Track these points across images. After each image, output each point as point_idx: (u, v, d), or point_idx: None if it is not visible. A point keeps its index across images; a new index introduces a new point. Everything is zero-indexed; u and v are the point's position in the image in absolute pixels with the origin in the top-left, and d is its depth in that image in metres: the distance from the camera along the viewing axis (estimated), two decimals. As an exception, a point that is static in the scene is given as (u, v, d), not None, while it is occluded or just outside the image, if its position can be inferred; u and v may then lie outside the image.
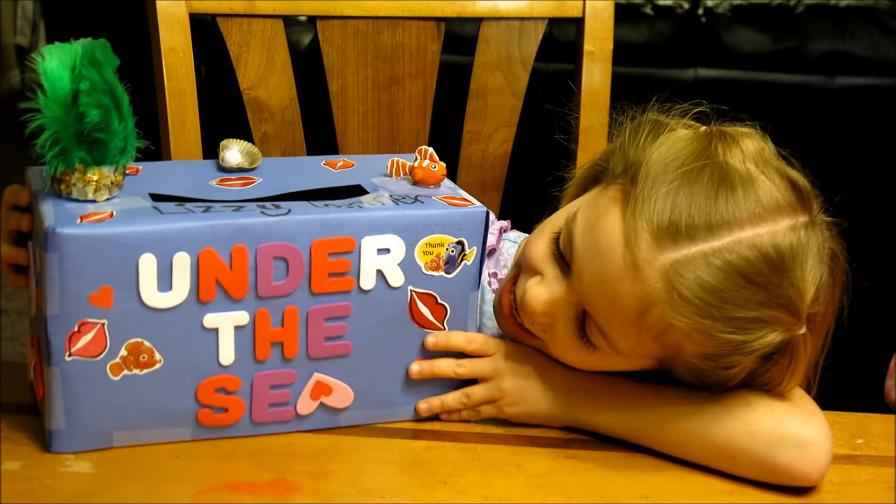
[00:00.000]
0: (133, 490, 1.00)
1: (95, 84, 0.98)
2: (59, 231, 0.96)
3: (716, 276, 0.99)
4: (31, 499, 0.97)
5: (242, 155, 1.12)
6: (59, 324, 0.99)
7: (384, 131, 1.49)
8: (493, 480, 1.05)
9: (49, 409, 1.01)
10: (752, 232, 1.00)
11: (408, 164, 1.13)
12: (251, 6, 1.43)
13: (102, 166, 1.01)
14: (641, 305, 1.01)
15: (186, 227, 0.99)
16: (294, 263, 1.03)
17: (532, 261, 1.11)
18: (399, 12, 1.48)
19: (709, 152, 1.05)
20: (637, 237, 1.01)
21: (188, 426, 1.06)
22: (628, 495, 1.03)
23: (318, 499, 1.00)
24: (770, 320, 1.01)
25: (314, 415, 1.09)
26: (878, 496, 1.05)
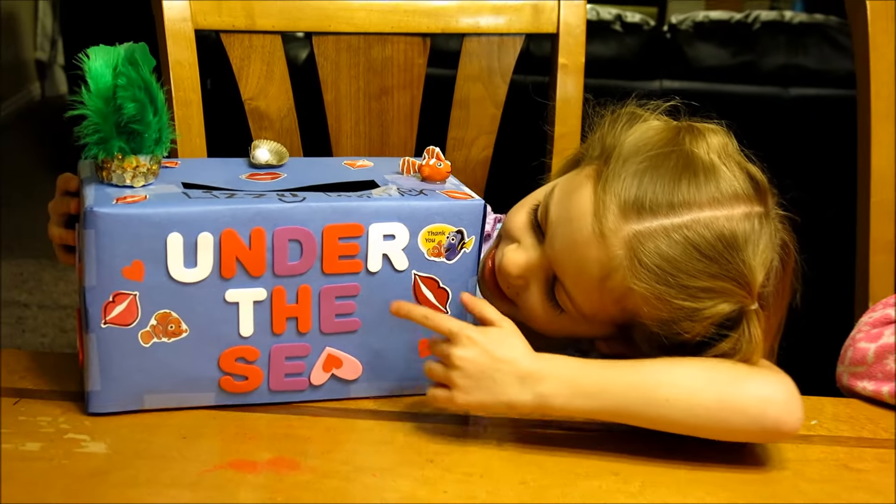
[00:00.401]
0: (143, 469, 1.00)
1: (132, 80, 1.01)
2: (96, 210, 0.99)
3: (673, 248, 1.02)
4: (52, 478, 0.97)
5: (271, 153, 1.15)
6: (95, 294, 1.01)
7: (375, 138, 1.49)
8: (475, 458, 1.05)
9: (87, 372, 1.04)
10: (710, 214, 1.03)
11: (418, 162, 1.15)
12: (252, 23, 1.43)
13: (139, 155, 1.04)
14: (605, 270, 1.04)
15: (210, 210, 1.02)
16: (307, 245, 1.05)
17: (511, 229, 1.14)
18: (388, 28, 1.48)
19: (677, 141, 1.08)
20: (605, 209, 1.04)
21: (212, 391, 1.08)
22: (601, 471, 1.03)
23: (314, 476, 1.00)
24: (721, 291, 1.03)
25: (326, 385, 1.11)
26: (830, 472, 1.05)
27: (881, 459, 1.08)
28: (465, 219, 1.09)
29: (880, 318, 1.20)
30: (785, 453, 1.08)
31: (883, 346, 1.17)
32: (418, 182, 1.14)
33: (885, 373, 1.17)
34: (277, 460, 1.02)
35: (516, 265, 1.12)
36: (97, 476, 0.98)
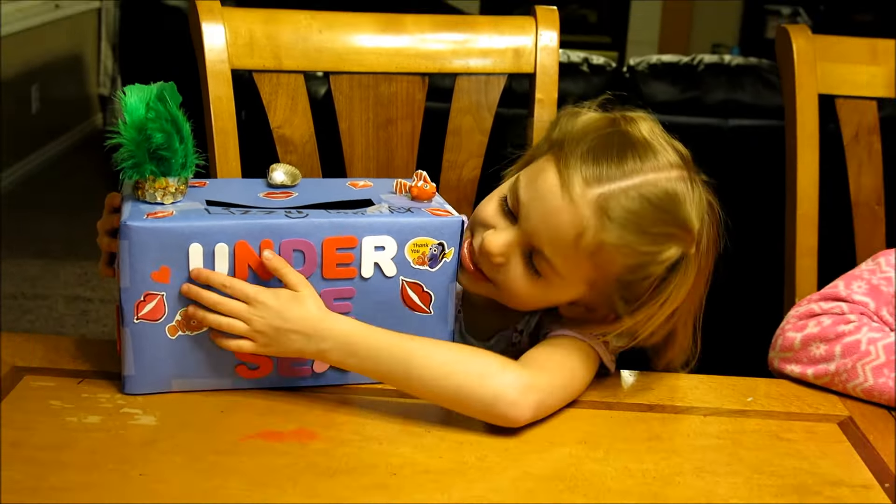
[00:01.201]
0: (188, 437, 1.00)
1: (160, 114, 1.02)
2: (129, 223, 1.00)
3: (633, 202, 1.04)
4: (108, 444, 0.97)
5: (286, 174, 1.14)
6: (129, 294, 1.02)
7: (382, 161, 1.49)
8: (465, 428, 1.04)
9: (123, 359, 1.04)
10: (654, 176, 1.06)
11: (408, 184, 1.15)
12: (279, 64, 1.43)
13: (168, 177, 1.04)
14: (578, 230, 1.05)
15: (226, 224, 1.02)
16: (309, 255, 1.04)
17: (485, 218, 1.14)
18: (393, 69, 1.47)
19: (616, 125, 1.11)
20: (570, 180, 1.06)
21: (229, 378, 1.07)
22: (571, 440, 1.03)
23: (331, 444, 1.00)
24: (673, 235, 1.06)
25: (327, 373, 1.10)
26: (763, 442, 1.05)
27: (807, 430, 1.08)
28: (446, 233, 1.09)
29: (805, 312, 1.20)
30: (725, 425, 1.08)
31: (807, 336, 1.17)
32: (408, 201, 1.13)
33: (809, 358, 1.17)
34: (300, 431, 1.02)
35: (497, 245, 1.10)
36: (148, 444, 0.98)
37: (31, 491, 0.89)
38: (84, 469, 0.93)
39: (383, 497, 0.92)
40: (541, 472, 0.97)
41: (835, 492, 0.96)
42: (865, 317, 1.17)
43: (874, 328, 1.15)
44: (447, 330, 1.13)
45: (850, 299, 1.19)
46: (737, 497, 0.95)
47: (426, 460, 0.98)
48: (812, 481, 0.98)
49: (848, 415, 1.11)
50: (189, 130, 1.05)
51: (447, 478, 0.95)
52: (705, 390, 1.15)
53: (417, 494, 0.93)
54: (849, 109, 1.49)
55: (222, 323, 1.04)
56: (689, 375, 1.18)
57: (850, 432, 1.08)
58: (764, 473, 0.99)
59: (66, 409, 1.03)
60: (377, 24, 1.48)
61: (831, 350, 1.15)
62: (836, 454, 1.04)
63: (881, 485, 0.98)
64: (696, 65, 2.40)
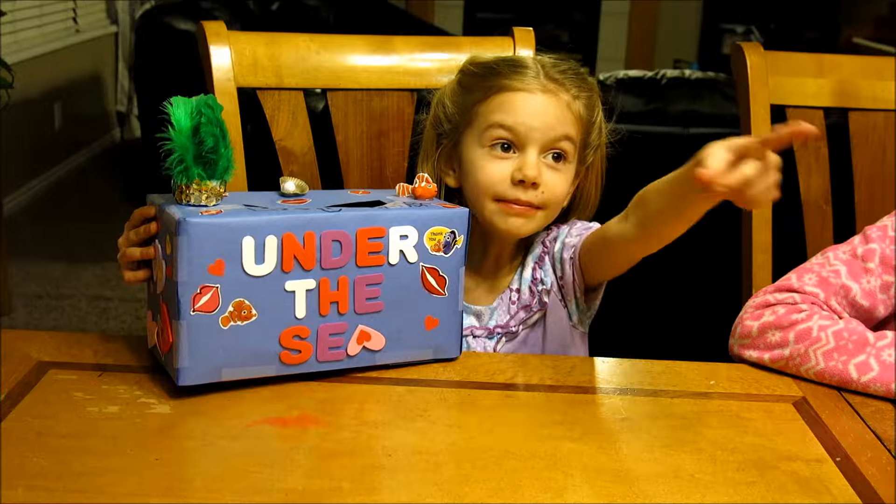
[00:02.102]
0: (199, 424, 0.99)
1: (210, 120, 1.02)
2: (189, 219, 0.99)
3: (566, 70, 1.27)
4: (127, 431, 0.97)
5: (296, 185, 1.14)
6: (186, 287, 1.00)
7: (375, 170, 1.49)
8: (455, 413, 1.04)
9: (176, 353, 1.02)
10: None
11: (411, 186, 1.16)
12: (280, 82, 1.42)
13: (212, 180, 1.04)
14: (564, 104, 1.25)
15: (274, 219, 1.02)
16: (346, 244, 1.05)
17: (491, 179, 1.24)
18: (384, 85, 1.47)
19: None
20: (531, 84, 1.24)
21: (273, 364, 1.06)
22: (551, 423, 1.03)
23: (330, 429, 0.99)
24: (592, 85, 1.30)
25: (359, 355, 1.10)
26: (725, 421, 1.05)
27: (764, 410, 1.08)
28: (456, 222, 1.11)
29: (761, 302, 1.20)
30: (690, 406, 1.08)
31: (764, 324, 1.17)
32: (413, 199, 1.15)
33: (765, 344, 1.17)
34: (302, 417, 1.01)
35: (531, 166, 1.21)
36: (163, 430, 0.97)
37: (57, 476, 0.88)
38: (104, 455, 0.92)
39: (380, 476, 0.91)
40: (522, 452, 0.96)
41: (790, 466, 0.96)
42: (816, 306, 1.17)
43: (824, 316, 1.15)
44: (457, 310, 1.13)
45: (802, 290, 1.19)
46: (701, 472, 0.94)
47: (418, 442, 0.97)
48: (770, 456, 0.98)
49: (802, 395, 1.11)
50: (229, 137, 1.05)
51: (437, 458, 0.95)
52: (672, 375, 1.15)
53: (411, 473, 0.92)
54: (798, 118, 1.49)
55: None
56: (658, 361, 1.18)
57: (803, 411, 1.08)
58: (726, 450, 0.99)
59: (88, 399, 1.02)
60: (369, 45, 1.48)
61: (786, 337, 1.15)
62: (792, 431, 1.03)
63: (832, 459, 0.98)
64: (660, 79, 2.40)
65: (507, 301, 1.31)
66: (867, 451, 0.99)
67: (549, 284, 1.30)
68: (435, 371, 1.13)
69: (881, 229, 1.23)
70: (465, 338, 1.29)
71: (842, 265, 1.21)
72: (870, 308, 1.20)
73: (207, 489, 0.88)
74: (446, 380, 1.12)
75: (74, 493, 0.86)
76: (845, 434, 1.03)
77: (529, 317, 1.31)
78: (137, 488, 0.87)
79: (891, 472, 0.95)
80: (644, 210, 1.13)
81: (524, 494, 0.89)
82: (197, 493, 0.88)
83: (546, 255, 1.31)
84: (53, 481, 0.87)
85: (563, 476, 0.92)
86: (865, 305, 1.19)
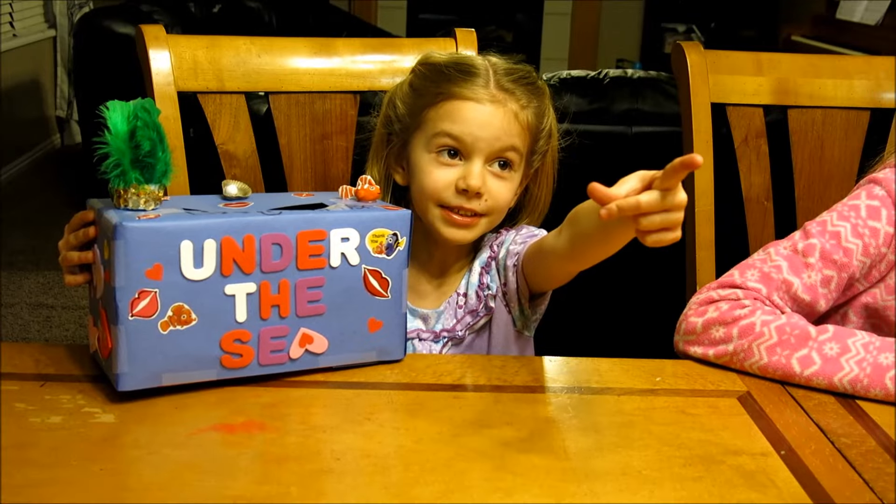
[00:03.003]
0: (144, 433, 0.98)
1: (147, 123, 1.01)
2: (126, 224, 0.98)
3: (518, 79, 1.28)
4: (71, 443, 0.95)
5: (238, 189, 1.13)
6: (124, 292, 0.99)
7: (319, 173, 1.48)
8: (402, 416, 1.04)
9: (115, 359, 1.01)
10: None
11: (353, 188, 1.16)
12: (221, 85, 1.41)
13: (150, 184, 1.03)
14: (512, 114, 1.25)
15: (212, 222, 1.01)
16: (286, 247, 1.04)
17: (435, 186, 1.25)
18: (327, 88, 1.46)
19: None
20: (479, 94, 1.24)
21: (214, 368, 1.05)
22: (498, 423, 1.03)
23: (278, 434, 0.98)
24: (543, 91, 1.31)
25: (301, 358, 1.09)
26: (671, 417, 1.06)
27: (710, 406, 1.09)
28: (398, 223, 1.10)
29: (705, 299, 1.21)
30: (637, 403, 1.08)
31: (708, 320, 1.18)
32: (356, 202, 1.14)
33: (710, 340, 1.18)
34: (249, 423, 1.00)
35: (475, 177, 1.22)
36: (107, 440, 0.96)
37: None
38: (47, 466, 0.91)
39: (329, 481, 0.91)
40: (471, 453, 0.96)
41: (736, 460, 0.97)
42: (759, 301, 1.18)
43: (766, 311, 1.16)
44: (401, 312, 1.13)
45: (745, 286, 1.20)
46: (649, 468, 0.95)
47: (366, 445, 0.97)
48: (716, 451, 0.99)
49: (746, 390, 1.12)
50: (167, 141, 1.04)
51: (386, 461, 0.94)
52: (619, 372, 1.16)
53: (360, 477, 0.92)
54: (738, 116, 1.51)
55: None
56: (604, 359, 1.18)
57: (748, 406, 1.09)
58: (673, 446, 0.99)
59: (30, 410, 1.00)
60: (311, 48, 1.47)
61: (729, 332, 1.16)
62: (737, 426, 1.04)
63: (777, 452, 0.99)
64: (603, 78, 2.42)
65: (453, 305, 1.31)
66: (811, 444, 1.01)
67: (495, 290, 1.30)
68: (382, 374, 1.13)
69: (821, 224, 1.24)
70: (412, 341, 1.29)
71: (783, 260, 1.22)
72: (811, 302, 1.21)
73: (153, 498, 0.87)
74: (394, 382, 1.11)
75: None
76: (789, 427, 1.04)
77: (476, 322, 1.31)
78: (81, 499, 0.86)
79: (834, 464, 0.97)
80: (574, 229, 1.13)
81: (473, 495, 0.89)
82: (142, 502, 0.86)
83: (493, 260, 1.31)
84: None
85: (511, 476, 0.92)
86: (807, 300, 1.21)
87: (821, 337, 1.13)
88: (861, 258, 1.23)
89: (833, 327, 1.14)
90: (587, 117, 2.33)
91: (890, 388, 1.09)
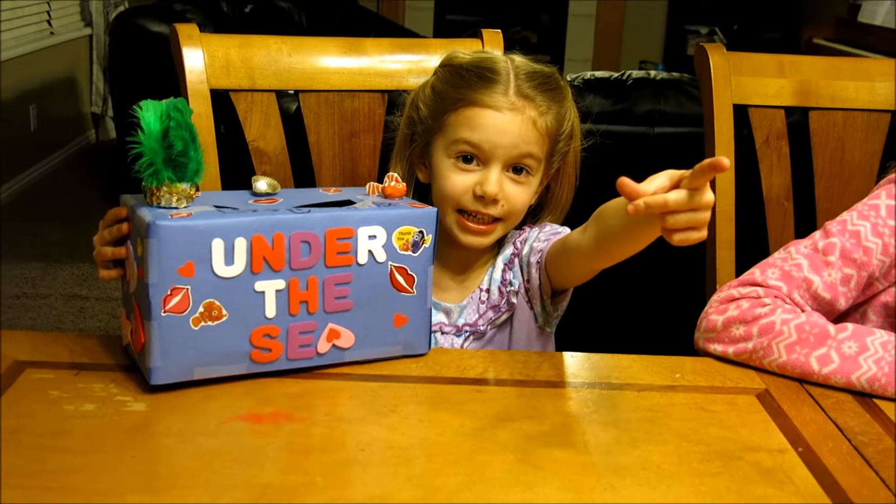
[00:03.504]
0: (175, 422, 0.99)
1: (180, 123, 1.00)
2: (158, 222, 0.98)
3: (540, 83, 1.26)
4: (103, 429, 0.96)
5: (268, 185, 1.13)
6: (157, 289, 0.99)
7: (347, 169, 1.48)
8: (426, 409, 1.04)
9: (148, 353, 1.01)
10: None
11: (380, 185, 1.15)
12: (253, 84, 1.42)
13: (182, 183, 1.03)
14: (530, 121, 1.23)
15: (243, 221, 1.01)
16: (314, 245, 1.04)
17: (455, 190, 1.25)
18: (356, 87, 1.47)
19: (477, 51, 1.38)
20: (497, 101, 1.23)
21: (244, 363, 1.05)
22: (519, 416, 1.03)
23: (305, 425, 0.99)
24: (565, 95, 1.29)
25: (328, 353, 1.09)
26: (690, 413, 1.05)
27: (728, 402, 1.08)
28: (424, 222, 1.10)
29: (726, 297, 1.20)
30: (657, 399, 1.08)
31: (728, 318, 1.17)
32: (383, 199, 1.14)
33: (730, 338, 1.17)
34: (276, 413, 1.00)
35: (492, 183, 1.22)
36: (139, 428, 0.97)
37: (32, 474, 0.87)
38: (80, 453, 0.91)
39: (353, 471, 0.91)
40: (492, 446, 0.96)
41: (754, 456, 0.97)
42: (779, 300, 1.18)
43: (787, 310, 1.16)
44: (426, 307, 1.13)
45: (766, 284, 1.19)
46: (668, 463, 0.95)
47: (390, 437, 0.97)
48: (734, 447, 0.98)
49: (765, 387, 1.12)
50: (199, 140, 1.04)
51: (409, 452, 0.95)
52: (638, 369, 1.16)
53: (384, 467, 0.92)
54: (760, 117, 1.50)
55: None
56: (625, 356, 1.18)
57: (766, 403, 1.08)
58: (691, 441, 0.99)
59: (64, 398, 1.01)
60: (341, 48, 1.47)
61: (749, 330, 1.16)
62: (755, 423, 1.04)
63: (795, 449, 0.98)
64: (626, 79, 2.41)
65: (476, 300, 1.31)
66: (828, 442, 1.00)
67: (518, 286, 1.30)
68: (407, 367, 1.13)
69: (841, 224, 1.24)
70: (434, 334, 1.29)
71: (803, 259, 1.21)
72: (831, 300, 1.21)
73: (183, 486, 0.87)
74: (418, 375, 1.11)
75: (50, 491, 0.85)
76: (807, 425, 1.04)
77: (498, 317, 1.31)
78: (113, 485, 0.87)
79: (851, 462, 0.96)
80: (600, 226, 1.14)
81: (494, 487, 0.89)
82: (173, 489, 0.87)
83: (516, 256, 1.31)
84: (29, 479, 0.87)
85: (532, 469, 0.92)
86: (827, 298, 1.20)
87: (840, 335, 1.12)
88: (881, 257, 1.22)
89: (852, 326, 1.14)
90: (610, 118, 2.33)
91: (907, 387, 1.09)
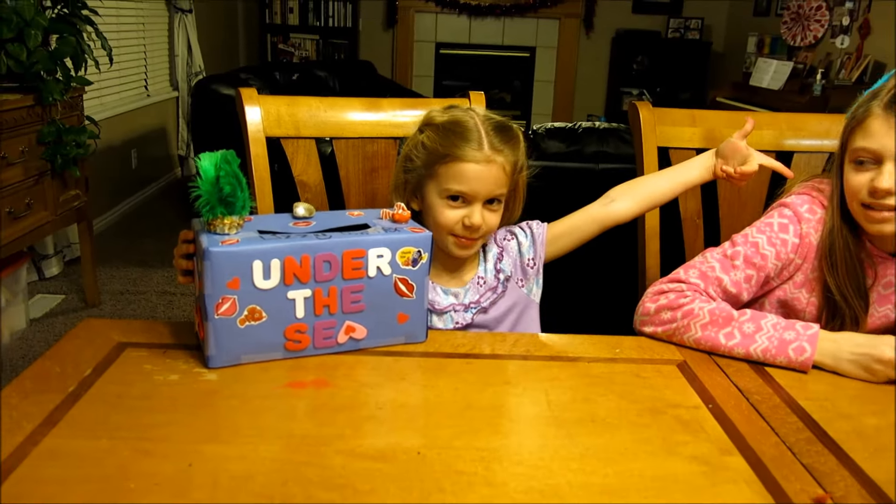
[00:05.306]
0: (239, 388, 0.97)
1: (228, 172, 0.99)
2: (212, 249, 0.97)
3: (504, 138, 1.24)
4: (184, 394, 0.95)
5: (305, 210, 1.12)
6: (211, 298, 0.98)
7: (369, 196, 1.47)
8: (429, 376, 1.03)
9: (207, 344, 1.00)
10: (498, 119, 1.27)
11: (391, 211, 1.14)
12: (298, 132, 1.41)
13: (232, 216, 1.01)
14: (504, 170, 1.23)
15: (276, 246, 1.00)
16: (334, 263, 1.02)
17: (447, 221, 1.24)
18: (375, 134, 1.46)
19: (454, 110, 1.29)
20: (475, 156, 1.21)
21: (279, 351, 1.04)
22: (500, 381, 1.01)
23: (337, 389, 0.98)
24: (520, 141, 1.27)
25: (346, 343, 1.07)
26: (628, 379, 1.04)
27: (656, 370, 1.07)
28: (422, 243, 1.08)
29: (657, 290, 1.20)
30: (602, 368, 1.07)
31: (659, 306, 1.17)
32: (391, 223, 1.12)
33: (659, 321, 1.16)
34: (316, 381, 1.00)
35: (478, 219, 1.22)
36: (212, 393, 0.96)
37: (131, 428, 0.87)
38: (167, 411, 0.91)
39: (373, 424, 0.90)
40: (479, 404, 0.95)
41: (675, 412, 0.96)
42: (697, 293, 1.17)
43: (703, 300, 1.15)
44: (423, 307, 1.11)
45: (688, 281, 1.19)
46: (611, 417, 0.94)
47: (401, 398, 0.96)
48: (660, 405, 0.97)
49: (683, 359, 1.11)
50: (246, 183, 1.03)
51: (416, 410, 0.94)
52: (588, 345, 1.15)
53: (396, 422, 0.91)
54: (678, 157, 1.49)
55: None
56: (578, 336, 1.17)
57: (685, 371, 1.08)
58: (628, 400, 0.98)
59: (155, 370, 1.00)
60: (364, 106, 1.46)
61: (674, 315, 1.15)
62: (676, 386, 1.03)
63: (706, 406, 0.98)
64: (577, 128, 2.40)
65: (475, 285, 1.32)
66: (731, 400, 0.99)
67: (509, 272, 1.31)
68: (413, 346, 1.12)
69: (744, 236, 1.24)
70: (450, 313, 1.29)
71: (716, 262, 1.21)
72: (737, 294, 1.20)
73: (245, 435, 0.87)
74: (422, 351, 1.10)
75: (145, 441, 0.84)
76: (715, 387, 1.03)
77: (496, 297, 1.31)
78: (192, 436, 0.86)
79: (749, 415, 0.95)
80: (645, 193, 1.32)
81: (480, 436, 0.88)
82: (238, 438, 0.86)
83: (503, 252, 1.32)
84: (128, 432, 0.86)
85: (509, 422, 0.92)
86: (734, 292, 1.20)
87: (741, 318, 1.12)
88: (774, 262, 1.22)
89: (751, 311, 1.13)
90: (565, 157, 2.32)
91: (791, 357, 1.08)
